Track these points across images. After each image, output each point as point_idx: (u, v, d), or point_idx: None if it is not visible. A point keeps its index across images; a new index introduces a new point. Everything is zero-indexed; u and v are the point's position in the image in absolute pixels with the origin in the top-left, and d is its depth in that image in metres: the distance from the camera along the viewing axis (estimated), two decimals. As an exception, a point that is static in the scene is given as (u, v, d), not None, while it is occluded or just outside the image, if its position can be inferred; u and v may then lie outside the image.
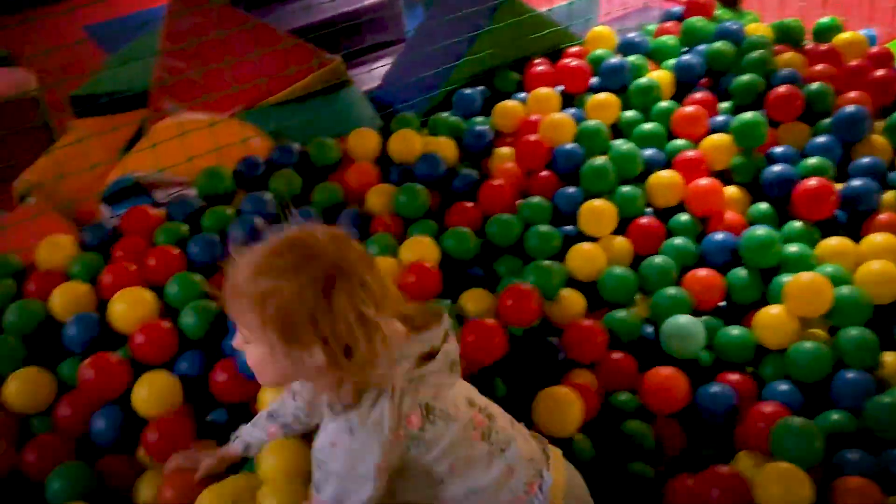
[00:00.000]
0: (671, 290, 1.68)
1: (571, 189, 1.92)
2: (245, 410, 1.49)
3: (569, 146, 1.99)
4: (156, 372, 1.50)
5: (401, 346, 0.99)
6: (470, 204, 1.90)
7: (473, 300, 1.67)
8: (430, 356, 1.03)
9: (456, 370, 1.07)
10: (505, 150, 2.06)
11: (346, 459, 0.98)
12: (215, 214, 1.85)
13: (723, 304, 1.73)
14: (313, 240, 0.95)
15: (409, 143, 2.05)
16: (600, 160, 1.94)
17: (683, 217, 1.87)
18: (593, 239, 1.81)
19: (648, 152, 2.01)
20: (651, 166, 1.98)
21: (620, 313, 1.64)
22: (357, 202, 1.96)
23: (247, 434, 1.31)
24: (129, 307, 1.59)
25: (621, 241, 1.82)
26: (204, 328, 1.58)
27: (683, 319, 1.59)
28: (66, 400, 1.50)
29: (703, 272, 1.72)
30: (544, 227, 1.81)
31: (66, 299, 1.63)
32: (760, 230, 1.74)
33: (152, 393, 1.46)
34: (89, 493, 1.36)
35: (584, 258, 1.75)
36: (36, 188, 2.03)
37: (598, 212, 1.83)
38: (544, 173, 1.98)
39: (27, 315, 1.62)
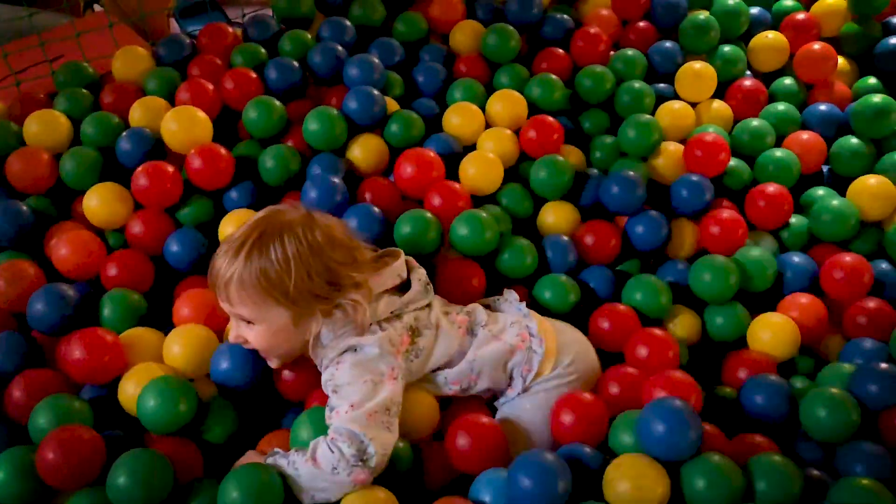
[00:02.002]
0: (778, 153, 1.62)
1: (669, 44, 1.81)
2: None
3: (670, -4, 1.85)
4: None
5: (375, 284, 1.15)
6: (561, 52, 1.79)
7: (570, 154, 1.65)
8: (403, 286, 1.20)
9: (430, 289, 1.23)
10: (600, -4, 1.91)
11: (356, 370, 1.08)
12: (294, 39, 1.74)
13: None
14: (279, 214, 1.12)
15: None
16: (703, 15, 1.81)
17: (787, 81, 1.78)
18: (690, 104, 1.72)
19: (754, 11, 1.88)
20: (755, 26, 1.86)
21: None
22: (441, 38, 1.85)
23: None
24: (183, 128, 1.51)
25: (720, 105, 1.73)
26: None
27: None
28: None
29: (805, 135, 1.66)
30: (638, 84, 1.72)
31: (145, 115, 1.56)
32: (877, 97, 1.65)
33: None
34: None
35: (676, 117, 1.68)
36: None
37: (697, 75, 1.73)
38: (642, 24, 1.86)
39: (105, 128, 1.56)
